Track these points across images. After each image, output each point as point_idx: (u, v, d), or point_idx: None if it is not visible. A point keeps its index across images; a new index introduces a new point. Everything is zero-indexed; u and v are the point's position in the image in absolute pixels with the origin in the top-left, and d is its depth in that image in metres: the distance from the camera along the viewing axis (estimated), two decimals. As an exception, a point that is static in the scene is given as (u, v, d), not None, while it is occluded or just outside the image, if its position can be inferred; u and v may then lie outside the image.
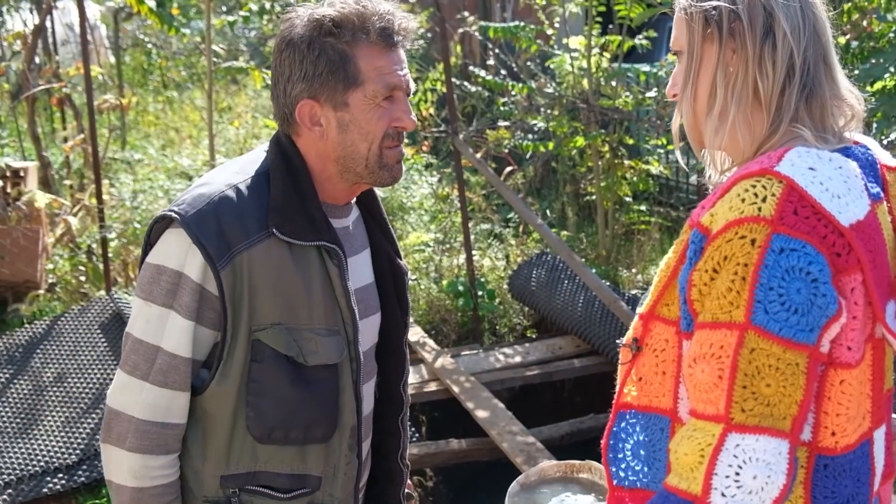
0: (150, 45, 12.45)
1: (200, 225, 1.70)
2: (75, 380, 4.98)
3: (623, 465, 1.58)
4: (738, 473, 1.31)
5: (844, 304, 1.37)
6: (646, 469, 1.56)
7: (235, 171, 1.82)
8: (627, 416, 1.57)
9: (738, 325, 1.33)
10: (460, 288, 6.27)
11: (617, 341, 1.64)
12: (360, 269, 1.95)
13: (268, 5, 5.84)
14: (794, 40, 1.43)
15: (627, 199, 7.04)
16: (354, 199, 1.96)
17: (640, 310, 1.56)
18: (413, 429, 5.03)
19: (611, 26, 6.93)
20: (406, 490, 2.16)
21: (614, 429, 1.59)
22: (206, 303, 1.73)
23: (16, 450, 4.50)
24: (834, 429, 1.43)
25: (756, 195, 1.35)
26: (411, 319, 5.93)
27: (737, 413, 1.32)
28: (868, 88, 4.30)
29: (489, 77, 6.71)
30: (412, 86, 1.86)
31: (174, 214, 1.71)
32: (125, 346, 1.78)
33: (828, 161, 1.40)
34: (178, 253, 1.72)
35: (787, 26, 1.43)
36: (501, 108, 7.18)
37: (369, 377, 1.99)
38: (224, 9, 11.71)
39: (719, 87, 1.46)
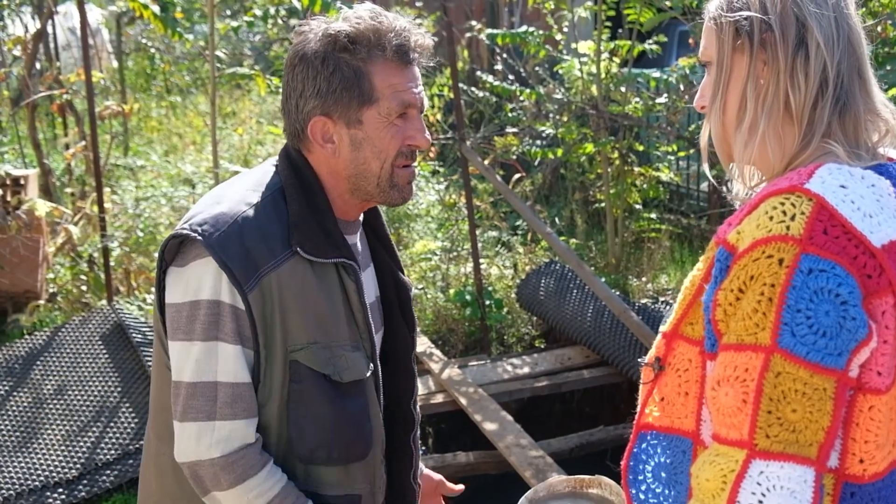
0: (153, 50, 12.40)
1: (225, 247, 1.67)
2: (76, 392, 4.92)
3: (643, 487, 1.56)
4: (761, 502, 1.27)
5: (875, 327, 1.32)
6: (667, 492, 1.53)
7: (249, 187, 1.79)
8: (649, 437, 1.55)
9: (763, 347, 1.29)
10: (468, 297, 6.19)
11: (639, 360, 1.60)
12: (368, 286, 1.94)
13: (272, 10, 5.75)
14: (827, 52, 1.38)
15: (637, 206, 6.97)
16: (361, 217, 1.95)
17: (663, 328, 1.53)
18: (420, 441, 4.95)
19: (620, 31, 6.85)
20: None
21: (635, 450, 1.57)
22: (242, 322, 1.70)
23: (15, 464, 4.44)
24: (862, 456, 1.37)
25: (785, 213, 1.31)
26: (418, 330, 5.86)
27: (761, 439, 1.28)
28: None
29: (497, 83, 6.63)
30: (426, 103, 1.85)
31: (196, 235, 1.68)
32: (178, 397, 1.73)
33: (860, 179, 1.36)
34: (211, 282, 1.69)
35: (820, 38, 1.38)
36: (510, 115, 7.10)
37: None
38: (228, 13, 11.65)
39: (749, 100, 1.42)
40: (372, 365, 1.84)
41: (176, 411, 1.73)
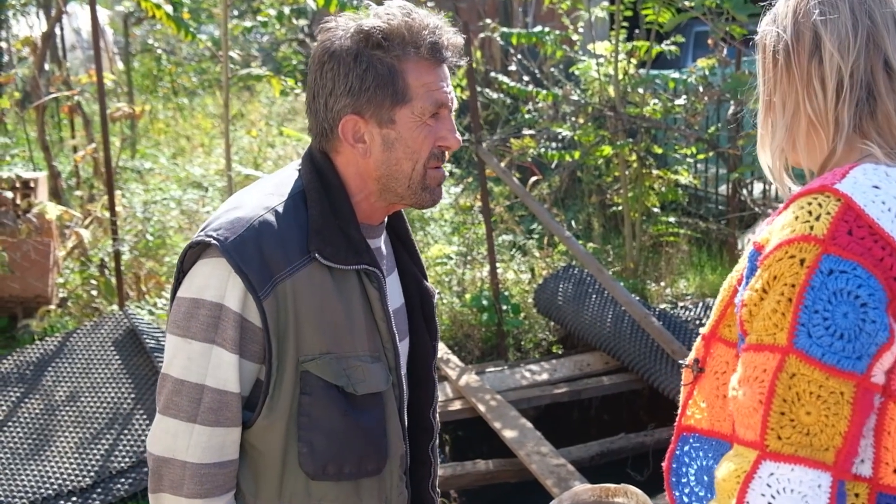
0: (159, 51, 12.34)
1: (241, 252, 1.62)
2: (88, 399, 4.85)
3: (686, 490, 1.56)
4: None
5: None
6: (709, 495, 1.52)
7: (269, 192, 1.73)
8: (691, 440, 1.55)
9: (780, 348, 1.28)
10: (484, 302, 6.12)
11: (680, 361, 1.61)
12: (393, 292, 1.89)
13: (286, 10, 5.67)
14: (841, 56, 1.39)
15: (655, 209, 6.92)
16: (385, 220, 1.89)
17: (702, 330, 1.54)
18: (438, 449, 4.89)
19: (637, 31, 6.78)
20: None
21: (677, 452, 1.57)
22: (247, 334, 1.65)
23: (28, 472, 4.37)
24: None
25: (810, 213, 1.31)
26: (439, 339, 5.80)
27: (772, 440, 1.28)
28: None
29: (514, 84, 6.57)
30: (456, 103, 1.80)
31: (212, 240, 1.63)
32: (163, 389, 1.69)
33: None
34: (217, 284, 1.64)
35: (833, 43, 1.40)
36: (526, 116, 7.03)
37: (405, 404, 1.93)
38: (235, 13, 11.58)
39: (777, 109, 1.47)
40: (393, 377, 1.78)
41: (159, 401, 1.69)
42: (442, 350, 5.76)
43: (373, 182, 1.75)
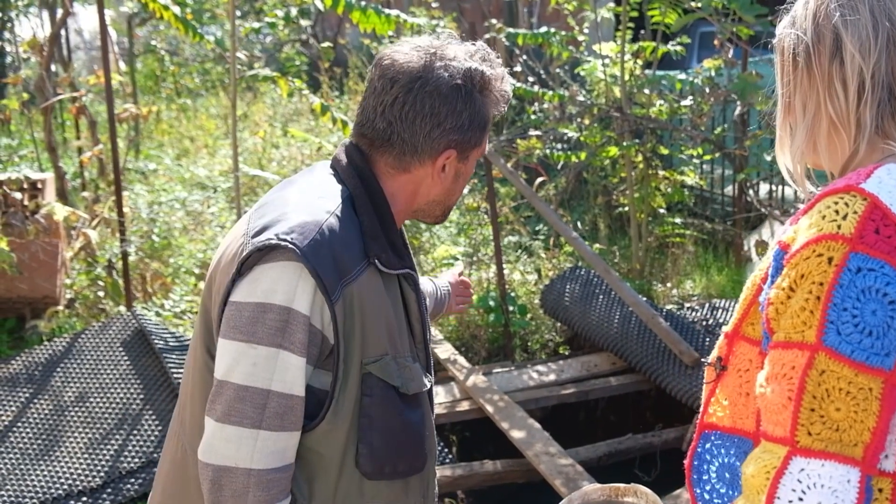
0: (162, 52, 12.33)
1: (317, 255, 1.63)
2: (98, 399, 4.85)
3: (708, 488, 1.57)
4: (801, 499, 1.27)
5: None
6: (731, 493, 1.54)
7: (320, 195, 1.75)
8: (712, 438, 1.56)
9: (809, 345, 1.30)
10: (491, 303, 6.12)
11: (702, 360, 1.66)
12: None
13: (293, 11, 5.67)
14: (862, 57, 1.41)
15: (661, 211, 6.91)
16: None
17: (725, 328, 1.56)
18: (445, 450, 4.89)
19: (642, 31, 6.78)
20: None
21: (698, 449, 1.58)
22: (313, 338, 1.67)
23: (38, 472, 4.38)
24: None
25: (837, 212, 1.33)
26: (441, 336, 5.78)
27: (802, 436, 1.29)
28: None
29: (519, 85, 6.56)
30: None
31: (288, 244, 1.63)
32: (220, 397, 1.66)
33: None
34: (286, 288, 1.63)
35: (854, 45, 1.41)
36: (532, 117, 7.03)
37: None
38: (238, 14, 11.57)
39: (798, 111, 1.49)
40: (428, 376, 1.85)
41: (215, 409, 1.66)
42: (449, 351, 5.76)
43: (425, 202, 1.86)
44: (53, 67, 7.88)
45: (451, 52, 1.78)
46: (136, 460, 4.38)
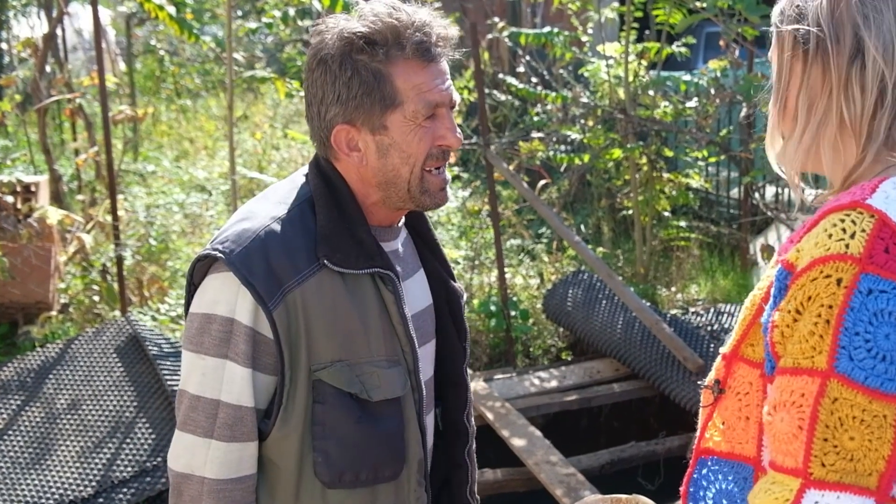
0: (162, 52, 12.26)
1: (248, 264, 1.61)
2: (90, 407, 4.79)
3: None
4: None
5: None
6: None
7: (277, 200, 1.72)
8: (709, 463, 1.50)
9: (820, 372, 1.24)
10: (492, 308, 6.07)
11: (698, 382, 1.57)
12: (416, 293, 1.87)
13: (291, 11, 5.59)
14: (885, 62, 1.32)
15: (666, 213, 6.87)
16: (402, 220, 1.88)
17: (723, 349, 1.49)
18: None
19: (647, 32, 6.71)
20: None
21: (695, 475, 1.52)
22: (260, 347, 1.64)
23: (28, 481, 4.31)
24: None
25: (844, 231, 1.27)
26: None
27: (816, 468, 1.24)
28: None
29: (522, 86, 6.50)
30: (456, 98, 1.75)
31: (218, 253, 1.63)
32: (181, 405, 1.70)
33: None
34: (226, 298, 1.63)
35: (877, 47, 1.32)
36: (535, 119, 6.96)
37: (429, 408, 1.91)
38: (239, 14, 11.51)
39: (801, 110, 1.39)
40: (412, 380, 1.76)
41: (177, 417, 1.70)
42: (449, 356, 5.70)
43: (374, 189, 1.73)
44: (49, 68, 7.81)
45: (334, 23, 1.67)
46: (129, 469, 4.32)
